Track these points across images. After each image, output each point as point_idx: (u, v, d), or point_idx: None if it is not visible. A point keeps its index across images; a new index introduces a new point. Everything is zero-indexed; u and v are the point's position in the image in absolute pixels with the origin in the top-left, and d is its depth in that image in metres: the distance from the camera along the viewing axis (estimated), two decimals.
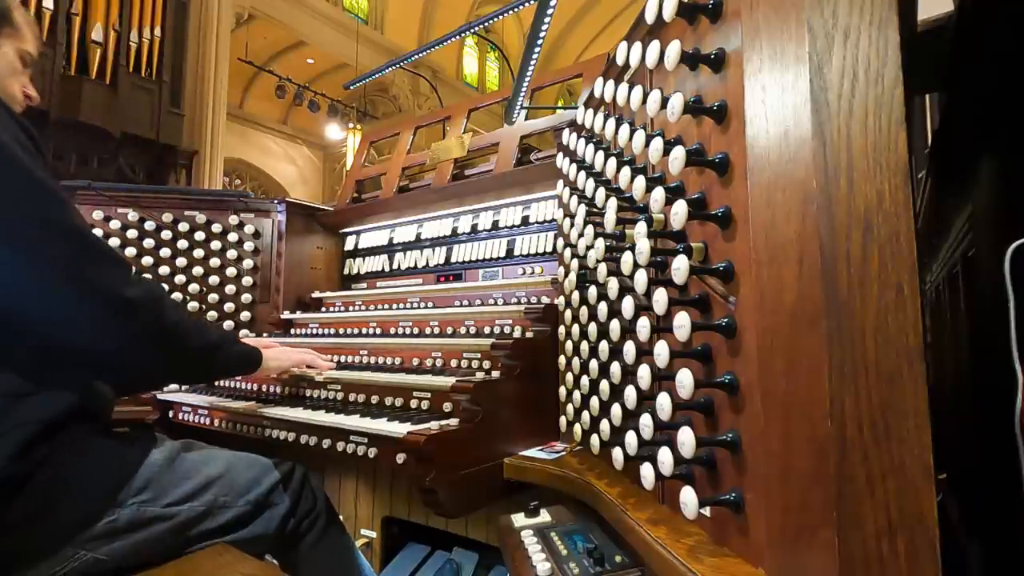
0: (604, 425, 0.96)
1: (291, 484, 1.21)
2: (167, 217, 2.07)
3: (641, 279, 0.79)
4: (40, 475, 0.88)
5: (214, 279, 2.07)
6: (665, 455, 0.72)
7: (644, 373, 0.78)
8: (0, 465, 0.83)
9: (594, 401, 1.03)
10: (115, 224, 2.02)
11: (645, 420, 0.79)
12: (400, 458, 1.15)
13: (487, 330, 1.55)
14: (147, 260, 2.03)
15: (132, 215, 2.04)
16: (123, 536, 0.95)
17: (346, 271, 2.33)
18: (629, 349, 0.86)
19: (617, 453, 0.90)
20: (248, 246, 2.14)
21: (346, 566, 1.27)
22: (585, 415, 1.09)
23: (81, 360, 0.97)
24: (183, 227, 2.08)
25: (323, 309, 2.15)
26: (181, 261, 2.06)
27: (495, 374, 1.31)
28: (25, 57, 1.13)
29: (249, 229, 2.14)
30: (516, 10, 5.71)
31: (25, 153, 0.89)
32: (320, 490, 1.29)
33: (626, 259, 0.83)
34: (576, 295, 1.16)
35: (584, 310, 1.10)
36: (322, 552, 1.23)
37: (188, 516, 1.04)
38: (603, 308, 0.97)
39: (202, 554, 1.06)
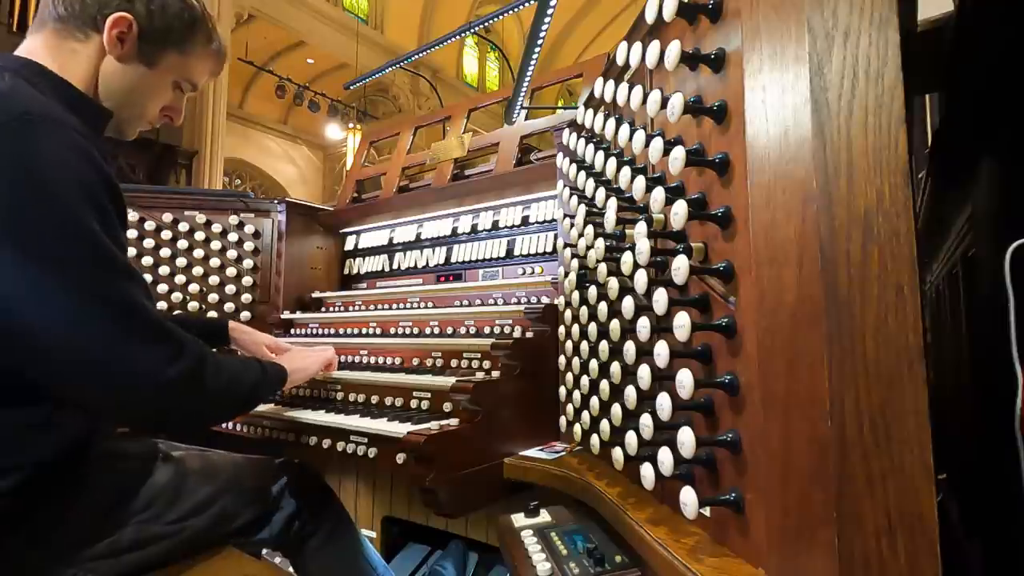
0: (604, 425, 0.96)
1: (299, 486, 1.20)
2: (167, 217, 2.06)
3: (641, 279, 0.79)
4: (40, 506, 0.85)
5: (214, 279, 2.07)
6: (665, 455, 0.72)
7: (644, 373, 0.78)
8: None
9: (594, 401, 1.03)
10: None
11: (645, 420, 0.79)
12: (400, 458, 1.15)
13: (487, 330, 1.54)
14: (147, 260, 2.03)
15: (132, 215, 2.04)
16: (125, 555, 0.93)
17: (346, 271, 2.33)
18: (629, 349, 0.86)
19: (617, 453, 0.90)
20: (248, 246, 2.13)
21: (352, 567, 1.25)
22: (585, 415, 1.09)
23: (122, 423, 0.96)
24: (183, 227, 2.08)
25: (323, 309, 2.15)
26: (181, 261, 2.06)
27: (495, 374, 1.31)
28: (184, 86, 1.08)
29: (249, 229, 2.14)
30: (516, 10, 5.71)
31: (94, 212, 0.81)
32: (328, 489, 1.28)
33: (626, 259, 0.83)
34: (576, 295, 1.16)
35: (584, 310, 1.10)
36: (328, 553, 1.21)
37: (193, 531, 1.02)
38: (603, 308, 0.97)
39: (204, 553, 1.05)
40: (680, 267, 0.70)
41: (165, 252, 2.04)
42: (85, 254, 0.80)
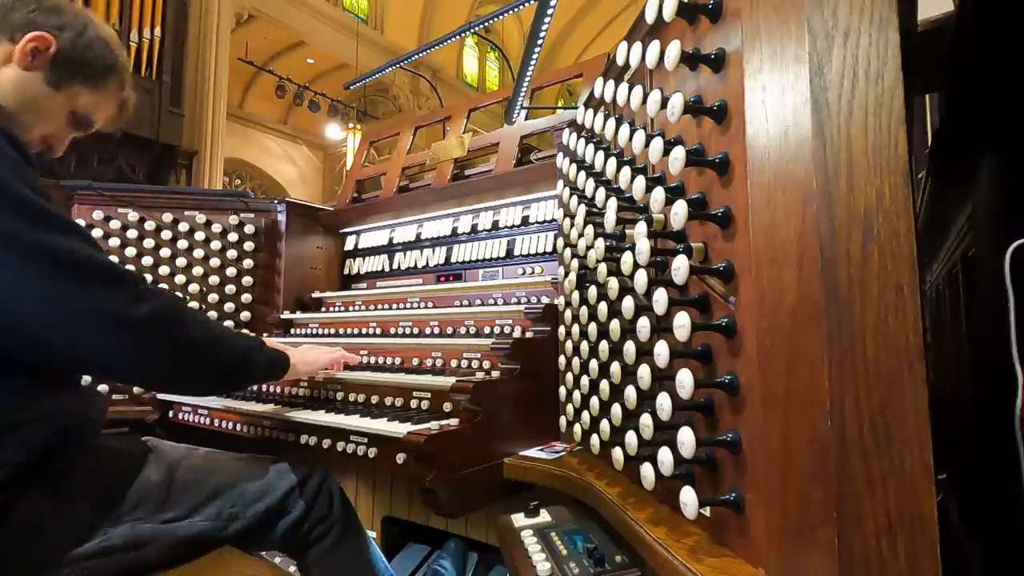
0: (604, 425, 0.96)
1: (308, 489, 1.16)
2: (167, 217, 2.07)
3: (641, 279, 0.79)
4: (22, 505, 0.84)
5: (214, 279, 2.07)
6: (665, 455, 0.72)
7: (644, 373, 0.78)
8: None
9: (594, 401, 1.03)
10: (115, 224, 2.02)
11: (645, 420, 0.79)
12: (400, 458, 1.15)
13: (487, 330, 1.54)
14: (147, 260, 2.03)
15: (132, 215, 2.04)
16: (118, 554, 0.91)
17: (346, 271, 2.33)
18: (629, 349, 0.86)
19: (617, 453, 0.90)
20: (248, 246, 2.13)
21: (358, 574, 1.21)
22: (585, 415, 1.09)
23: (100, 376, 0.91)
24: (183, 227, 2.08)
25: (323, 309, 2.15)
26: (181, 261, 2.06)
27: (495, 374, 1.31)
28: (79, 119, 1.08)
29: (249, 229, 2.14)
30: (516, 10, 5.71)
31: (10, 172, 0.81)
32: (339, 494, 1.22)
33: (626, 259, 0.83)
34: (576, 295, 1.16)
35: (584, 310, 1.10)
36: (335, 559, 1.17)
37: (190, 530, 1.00)
38: (603, 308, 0.97)
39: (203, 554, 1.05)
40: (680, 267, 0.70)
41: (165, 252, 2.04)
42: (16, 213, 0.80)
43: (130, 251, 2.03)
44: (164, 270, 2.02)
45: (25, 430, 0.85)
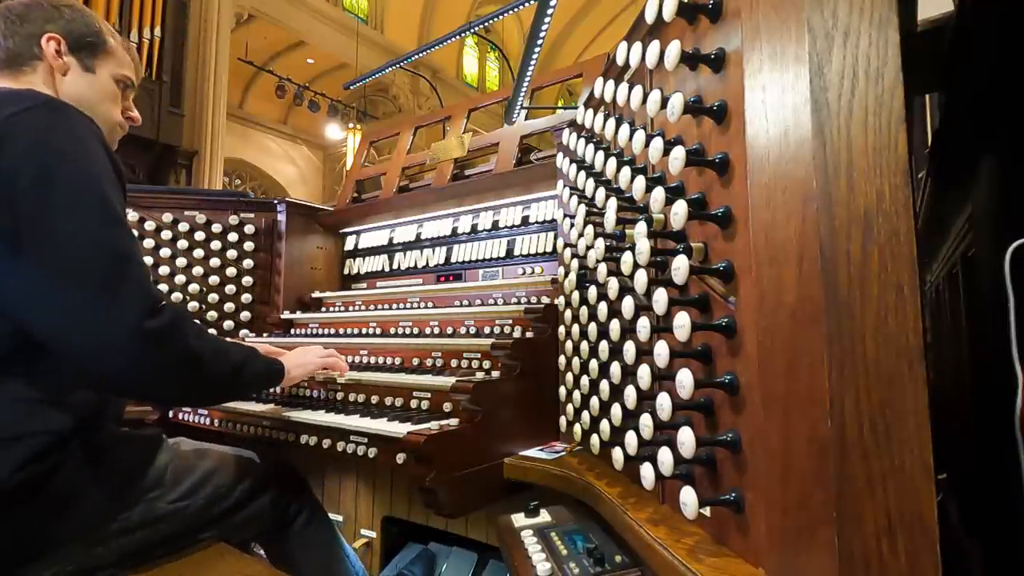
0: (604, 425, 0.96)
1: (276, 473, 1.29)
2: (167, 217, 2.06)
3: (641, 279, 0.79)
4: (55, 480, 0.90)
5: (214, 279, 2.07)
6: (665, 455, 0.72)
7: (644, 373, 0.78)
8: (14, 471, 0.84)
9: (594, 401, 1.03)
10: None
11: (645, 420, 0.79)
12: (400, 458, 1.15)
13: (487, 330, 1.54)
14: (147, 260, 2.03)
15: (132, 215, 2.04)
16: (135, 533, 1.00)
17: (346, 271, 2.33)
18: (629, 349, 0.86)
19: (617, 453, 0.90)
20: (248, 246, 2.13)
21: (332, 547, 1.35)
22: (585, 415, 1.09)
23: (98, 380, 0.96)
24: (183, 227, 2.08)
25: (323, 309, 2.15)
26: (181, 261, 2.06)
27: (495, 374, 1.31)
28: (124, 81, 1.16)
29: (249, 229, 2.14)
30: (516, 10, 5.71)
31: (109, 185, 0.92)
32: (304, 478, 1.37)
33: (626, 259, 0.83)
34: (576, 295, 1.16)
35: (584, 310, 1.10)
36: (312, 532, 1.31)
37: (193, 508, 1.09)
38: (603, 308, 0.97)
39: (202, 555, 1.06)
40: (680, 267, 0.70)
41: (165, 252, 2.04)
42: (99, 208, 0.90)
43: None
44: (164, 270, 2.02)
45: (58, 410, 0.92)
